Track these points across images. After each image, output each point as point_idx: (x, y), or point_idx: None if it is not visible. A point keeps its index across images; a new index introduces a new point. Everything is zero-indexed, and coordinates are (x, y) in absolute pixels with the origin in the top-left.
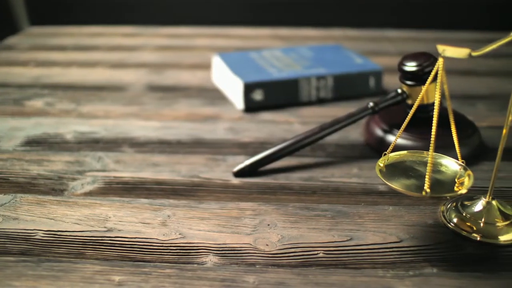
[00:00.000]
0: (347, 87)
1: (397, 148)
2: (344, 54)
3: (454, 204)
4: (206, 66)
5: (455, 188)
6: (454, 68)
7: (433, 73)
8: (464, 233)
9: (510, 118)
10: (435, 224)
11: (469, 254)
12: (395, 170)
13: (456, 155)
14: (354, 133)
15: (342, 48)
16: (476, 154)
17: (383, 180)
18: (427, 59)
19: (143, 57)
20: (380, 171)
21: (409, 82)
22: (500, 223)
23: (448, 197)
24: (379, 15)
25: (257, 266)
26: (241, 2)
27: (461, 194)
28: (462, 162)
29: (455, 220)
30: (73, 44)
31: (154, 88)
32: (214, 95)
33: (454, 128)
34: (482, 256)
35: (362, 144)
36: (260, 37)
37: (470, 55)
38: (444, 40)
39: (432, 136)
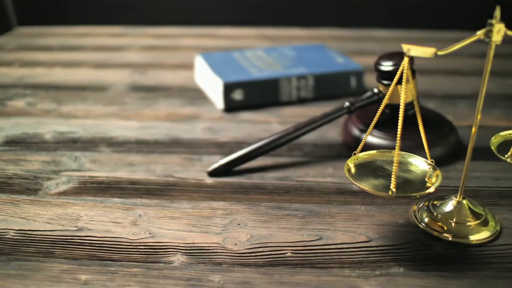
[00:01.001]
0: (328, 86)
1: (375, 148)
2: (326, 54)
3: (426, 203)
4: (190, 66)
5: (424, 188)
6: (438, 68)
7: (398, 72)
8: (435, 233)
9: (479, 117)
10: (406, 224)
11: (437, 254)
12: (365, 169)
13: (435, 154)
14: (332, 133)
15: (325, 48)
16: (453, 154)
17: (351, 179)
18: (402, 59)
19: (128, 57)
20: (349, 170)
21: (385, 82)
22: (472, 223)
23: (417, 196)
24: (366, 15)
25: (224, 265)
26: (228, 2)
27: (428, 194)
28: (432, 162)
29: (426, 220)
30: (59, 45)
31: (136, 88)
32: (195, 95)
33: (422, 127)
34: (451, 256)
35: (339, 144)
36: (246, 37)
37: (435, 54)
38: (430, 39)
39: (397, 135)
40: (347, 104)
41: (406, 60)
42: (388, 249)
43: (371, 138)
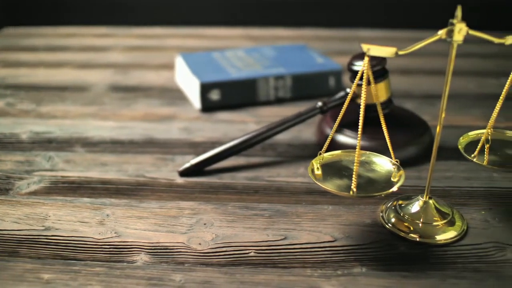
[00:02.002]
0: (306, 86)
1: (348, 148)
2: (307, 54)
3: (394, 203)
4: (172, 67)
5: (386, 188)
6: (419, 68)
7: (360, 72)
8: (401, 234)
9: (443, 116)
10: (372, 224)
11: (401, 254)
12: (330, 169)
13: (408, 154)
14: (307, 133)
15: (306, 48)
16: (427, 154)
17: (314, 179)
18: (375, 58)
19: (112, 58)
20: (313, 170)
21: (358, 81)
22: (438, 222)
23: (381, 195)
24: (353, 15)
25: (186, 265)
26: (215, 2)
27: (390, 194)
28: (396, 162)
29: (393, 220)
30: (44, 45)
31: (117, 89)
32: (174, 95)
33: (385, 127)
34: (415, 256)
35: (314, 144)
36: (231, 37)
37: (396, 53)
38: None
39: (358, 136)
40: (319, 104)
41: (366, 60)
42: (352, 249)
43: (345, 138)
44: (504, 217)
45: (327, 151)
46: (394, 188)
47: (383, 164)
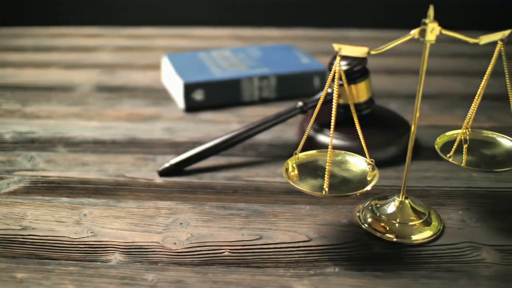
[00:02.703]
0: (290, 87)
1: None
2: (292, 54)
3: (372, 203)
4: (159, 67)
5: (360, 187)
6: (405, 68)
7: (332, 72)
8: (378, 234)
9: (417, 115)
10: (348, 224)
11: (376, 254)
12: (306, 169)
13: (389, 154)
14: (289, 133)
15: (292, 48)
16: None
17: (287, 179)
18: (355, 58)
19: (99, 58)
20: (287, 170)
21: (339, 81)
22: (414, 222)
23: (357, 194)
24: (344, 15)
25: (160, 264)
26: (204, 2)
27: (363, 193)
28: (371, 162)
29: (369, 220)
30: (33, 45)
31: (102, 89)
32: (160, 95)
33: (359, 127)
34: (389, 256)
35: (295, 144)
36: (220, 37)
37: (369, 53)
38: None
39: (330, 135)
40: (300, 104)
41: (338, 59)
42: (327, 248)
43: (326, 138)
44: (482, 217)
45: (305, 150)
46: (368, 188)
47: (358, 164)
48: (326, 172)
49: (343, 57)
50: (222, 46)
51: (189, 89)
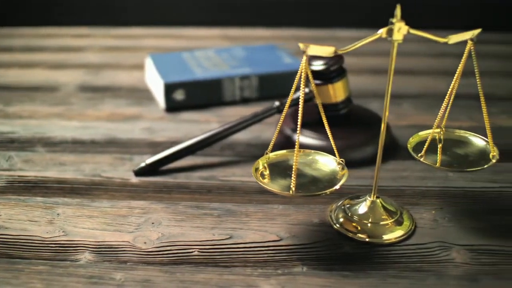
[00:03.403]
0: (272, 86)
1: (306, 148)
2: (275, 54)
3: (345, 203)
4: (144, 67)
5: (328, 187)
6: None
7: (299, 72)
8: (349, 233)
9: (387, 114)
10: (320, 223)
11: (345, 254)
12: (276, 169)
13: (366, 153)
14: (268, 133)
15: (276, 48)
16: (385, 153)
17: (256, 178)
18: (332, 58)
19: (86, 58)
20: (257, 169)
21: (316, 81)
22: (386, 222)
23: (326, 193)
24: (332, 15)
25: (129, 263)
26: (193, 2)
27: (331, 192)
28: (342, 161)
29: (341, 219)
30: (21, 45)
31: (86, 89)
32: (142, 95)
33: (327, 126)
34: (358, 256)
35: (275, 144)
36: (209, 37)
37: (335, 52)
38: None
39: (297, 135)
40: (277, 103)
41: (304, 59)
42: (296, 248)
43: (302, 138)
44: (454, 217)
45: (266, 151)
46: (336, 187)
47: (328, 163)
48: (293, 172)
49: (320, 57)
50: (210, 46)
51: (169, 89)
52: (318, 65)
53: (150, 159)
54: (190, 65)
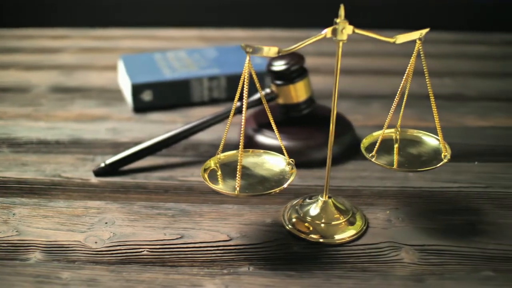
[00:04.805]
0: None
1: (268, 148)
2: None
3: (299, 202)
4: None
5: (275, 186)
6: (363, 68)
7: (243, 74)
8: (301, 234)
9: (335, 113)
10: (272, 224)
11: (293, 254)
12: (228, 169)
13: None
14: (232, 133)
15: None
16: (348, 154)
17: (203, 178)
18: (293, 58)
19: (61, 59)
20: (205, 170)
21: (277, 82)
22: (338, 222)
23: (272, 192)
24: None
25: (77, 263)
26: (170, 3)
27: (275, 193)
28: (292, 161)
29: (293, 220)
30: None
31: (57, 90)
32: (113, 96)
33: (275, 127)
34: (306, 256)
35: (236, 144)
36: (185, 38)
37: (278, 52)
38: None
39: (241, 135)
40: (238, 104)
41: (247, 59)
42: (245, 248)
43: (265, 138)
44: (408, 217)
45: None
46: (284, 186)
47: (278, 163)
48: (237, 172)
49: (281, 57)
50: (187, 47)
51: (137, 89)
52: (279, 66)
53: (110, 160)
54: (160, 66)
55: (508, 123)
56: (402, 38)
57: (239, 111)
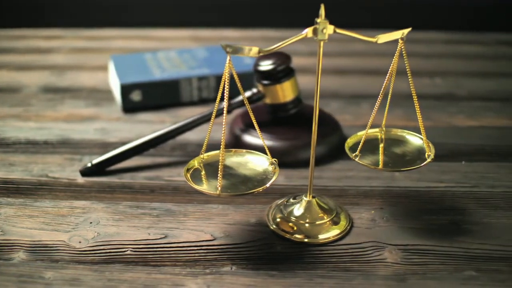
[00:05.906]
0: (230, 87)
1: (255, 148)
2: None
3: (284, 202)
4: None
5: (257, 186)
6: (354, 68)
7: (224, 74)
8: (285, 233)
9: (317, 113)
10: (257, 223)
11: (276, 253)
12: (211, 169)
13: (315, 153)
14: (220, 133)
15: None
16: (334, 154)
17: (185, 178)
18: (279, 58)
19: (53, 60)
20: (188, 170)
21: (264, 82)
22: (321, 221)
23: (255, 192)
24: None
25: (60, 262)
26: (164, 3)
27: (258, 192)
28: (275, 161)
29: (278, 219)
30: None
31: (48, 90)
32: (103, 97)
33: (257, 127)
34: (289, 255)
35: (225, 143)
36: (178, 38)
37: (259, 52)
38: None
39: (222, 135)
40: (222, 104)
41: (228, 59)
42: (228, 248)
43: (252, 138)
44: (392, 217)
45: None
46: (267, 185)
47: (261, 163)
48: (219, 172)
49: (267, 57)
50: (179, 47)
51: (126, 90)
52: (265, 66)
53: (96, 160)
54: (150, 66)
55: (497, 123)
56: (384, 38)
57: (227, 111)
